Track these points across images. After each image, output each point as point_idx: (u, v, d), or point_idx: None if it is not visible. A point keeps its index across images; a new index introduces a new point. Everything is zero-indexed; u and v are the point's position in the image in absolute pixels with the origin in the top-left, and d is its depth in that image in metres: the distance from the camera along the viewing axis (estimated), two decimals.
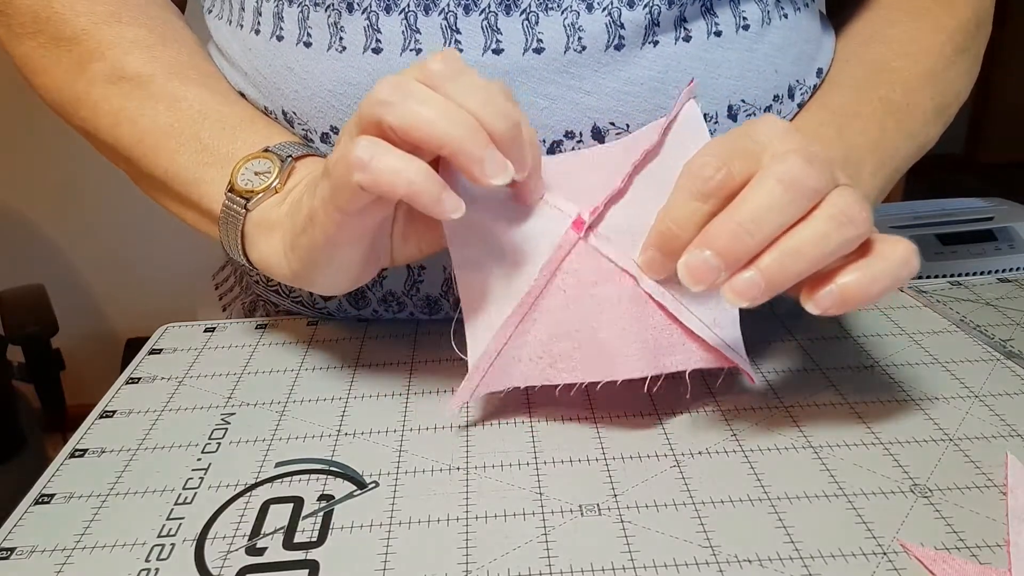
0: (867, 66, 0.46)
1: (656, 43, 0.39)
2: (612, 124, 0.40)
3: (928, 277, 0.51)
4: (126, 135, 0.42)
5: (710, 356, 0.35)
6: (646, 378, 0.34)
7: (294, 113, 0.42)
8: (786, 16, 0.43)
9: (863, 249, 0.31)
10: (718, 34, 0.40)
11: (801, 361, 0.41)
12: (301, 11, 0.40)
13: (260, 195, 0.38)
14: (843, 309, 0.30)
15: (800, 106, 0.45)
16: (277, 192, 0.38)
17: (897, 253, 0.30)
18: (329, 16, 0.40)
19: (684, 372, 0.35)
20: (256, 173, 0.38)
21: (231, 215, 0.38)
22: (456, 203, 0.30)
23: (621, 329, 0.34)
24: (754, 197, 0.29)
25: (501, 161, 0.30)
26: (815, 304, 0.30)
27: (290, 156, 0.38)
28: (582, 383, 0.34)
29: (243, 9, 0.43)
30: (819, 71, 0.46)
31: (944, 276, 0.52)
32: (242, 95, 0.44)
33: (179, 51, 0.44)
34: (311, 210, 0.33)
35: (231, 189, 0.38)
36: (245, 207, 0.38)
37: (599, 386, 0.35)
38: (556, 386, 0.35)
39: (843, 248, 0.30)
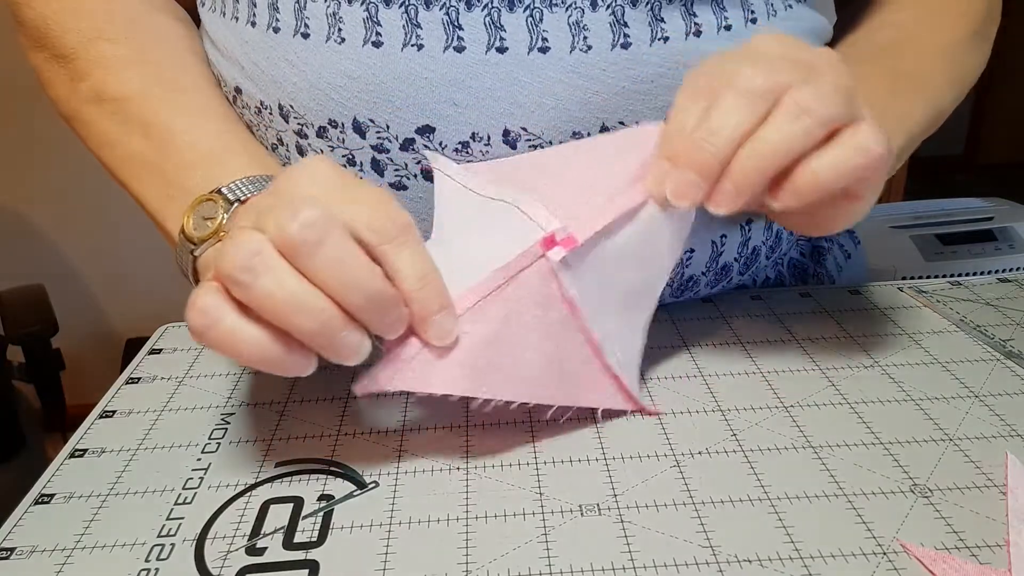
0: (875, 45, 0.46)
1: (666, 39, 0.39)
2: (621, 124, 0.39)
3: (928, 277, 0.51)
4: (108, 158, 0.43)
5: (621, 398, 0.37)
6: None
7: (291, 107, 0.41)
8: (791, 6, 0.43)
9: (827, 140, 0.32)
10: (728, 28, 0.40)
11: (801, 361, 0.41)
12: (297, 1, 0.40)
13: (207, 242, 0.37)
14: (801, 199, 0.32)
15: None
16: (220, 240, 0.37)
17: (854, 139, 0.31)
18: (328, 6, 0.39)
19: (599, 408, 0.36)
20: (204, 218, 0.37)
21: (183, 256, 0.38)
22: (302, 365, 0.30)
23: (548, 356, 0.34)
24: (713, 110, 0.32)
25: (354, 345, 0.30)
26: (775, 200, 0.32)
27: (237, 200, 0.37)
28: (501, 401, 0.33)
29: (237, 1, 0.43)
30: None
31: (944, 276, 0.52)
32: (239, 90, 0.44)
33: (159, 66, 0.44)
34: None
35: (182, 231, 0.38)
36: (191, 253, 0.37)
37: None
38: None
39: (802, 138, 0.31)
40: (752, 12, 0.41)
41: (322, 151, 0.42)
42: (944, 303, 0.47)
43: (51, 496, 0.33)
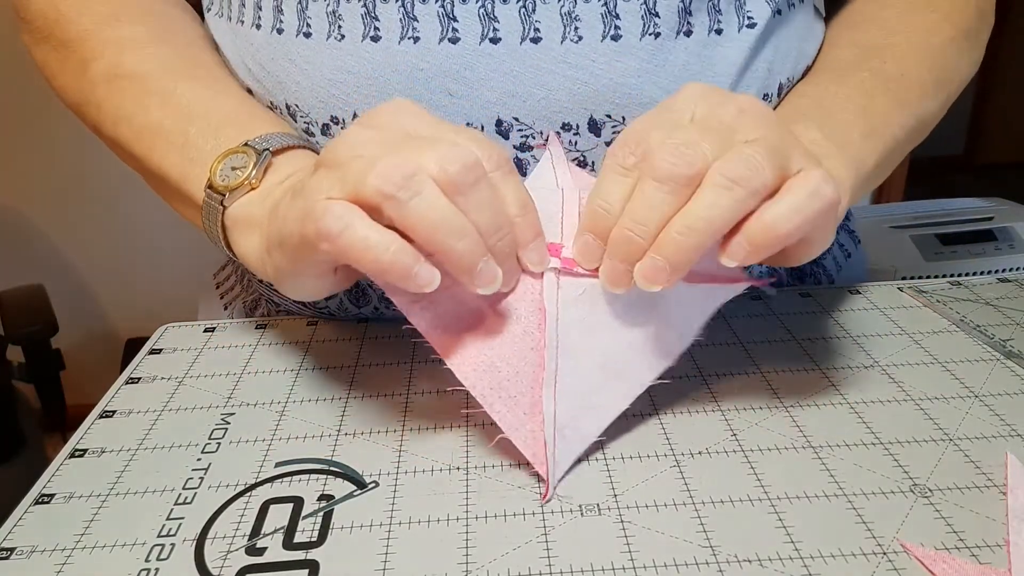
0: (857, 47, 0.45)
1: (657, 35, 0.39)
2: (608, 117, 0.40)
3: (928, 277, 0.51)
4: (125, 133, 0.43)
5: (533, 435, 0.33)
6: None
7: (296, 106, 0.42)
8: (779, 12, 0.43)
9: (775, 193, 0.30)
10: (719, 32, 0.40)
11: (801, 361, 0.41)
12: (299, 2, 0.41)
13: (236, 191, 0.37)
14: (757, 255, 0.30)
15: None
16: (254, 188, 0.37)
17: (805, 187, 0.30)
18: (327, 5, 0.40)
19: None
20: (233, 168, 0.38)
21: (211, 211, 0.38)
22: (430, 276, 0.30)
23: (501, 353, 0.34)
24: (636, 200, 0.31)
25: (493, 273, 0.31)
26: (728, 257, 0.31)
27: (267, 150, 0.38)
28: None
29: (243, 5, 0.44)
30: (807, 68, 0.46)
31: (944, 276, 0.52)
32: (249, 91, 0.45)
33: (175, 47, 0.44)
34: (280, 234, 0.33)
35: (210, 185, 0.38)
36: (222, 203, 0.38)
37: None
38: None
39: (736, 210, 0.30)
40: (750, 18, 0.41)
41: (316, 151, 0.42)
42: (944, 303, 0.47)
43: (51, 496, 0.33)
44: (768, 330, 0.44)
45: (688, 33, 0.40)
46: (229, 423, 0.38)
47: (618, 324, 0.34)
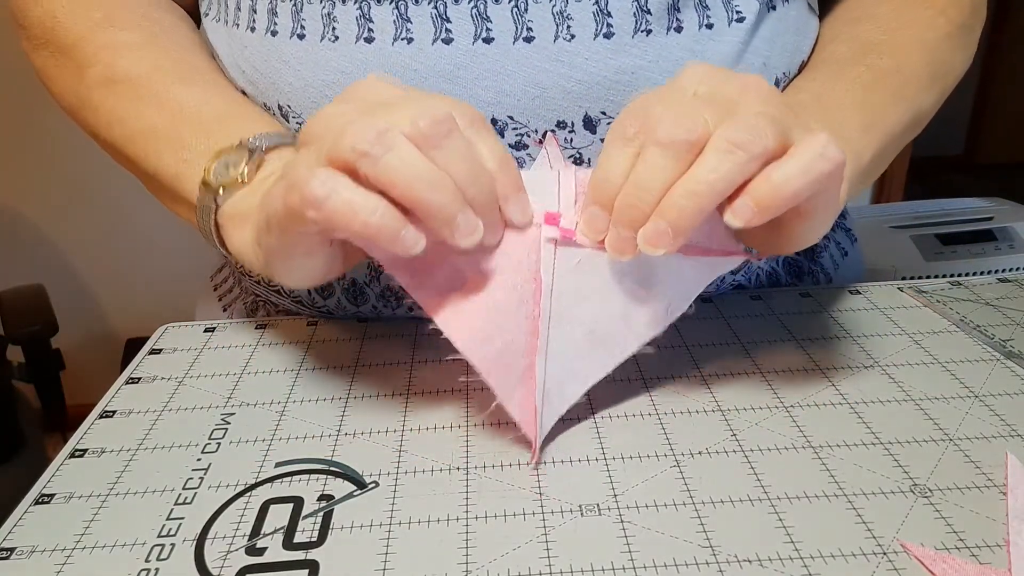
0: (854, 42, 0.45)
1: (649, 32, 0.39)
2: (603, 114, 0.40)
3: (928, 277, 0.51)
4: (119, 136, 0.43)
5: (523, 401, 0.34)
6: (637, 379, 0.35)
7: (289, 107, 0.42)
8: (774, 8, 0.43)
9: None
10: (709, 26, 0.40)
11: (801, 361, 0.41)
12: (295, 4, 0.41)
13: (229, 188, 0.37)
14: (763, 215, 0.30)
15: None
16: (245, 184, 0.38)
17: (812, 149, 0.30)
18: (323, 7, 0.40)
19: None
20: (227, 167, 0.38)
21: (204, 209, 0.38)
22: (415, 239, 0.30)
23: (496, 322, 0.34)
24: (639, 167, 0.31)
25: (473, 224, 0.31)
26: (734, 216, 0.30)
27: (259, 148, 0.38)
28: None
29: (239, 8, 0.44)
30: (802, 64, 0.46)
31: (944, 276, 0.52)
32: (244, 94, 0.45)
33: (168, 50, 0.45)
34: (267, 215, 0.32)
35: (204, 184, 0.38)
36: (215, 201, 0.38)
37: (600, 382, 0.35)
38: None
39: (737, 173, 0.30)
40: (739, 12, 0.41)
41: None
42: (944, 303, 0.47)
43: (51, 496, 0.33)
44: (768, 330, 0.44)
45: (679, 29, 0.40)
46: (229, 423, 0.38)
47: (610, 293, 0.35)
